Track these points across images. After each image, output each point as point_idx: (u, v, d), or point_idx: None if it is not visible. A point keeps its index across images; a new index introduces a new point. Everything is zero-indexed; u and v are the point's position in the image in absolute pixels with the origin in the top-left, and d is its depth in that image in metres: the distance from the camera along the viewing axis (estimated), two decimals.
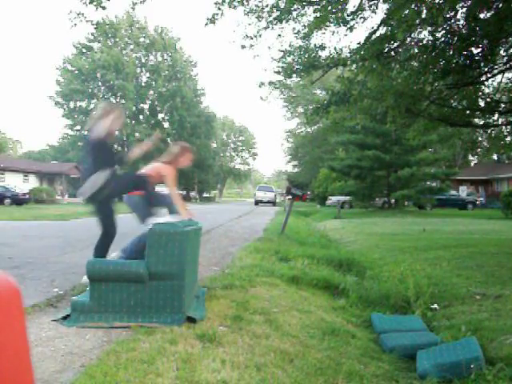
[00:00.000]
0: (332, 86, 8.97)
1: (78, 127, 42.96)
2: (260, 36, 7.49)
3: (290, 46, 7.73)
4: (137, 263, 3.29)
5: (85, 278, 3.68)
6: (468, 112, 9.12)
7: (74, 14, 6.73)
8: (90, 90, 42.28)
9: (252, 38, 7.53)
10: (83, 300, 3.31)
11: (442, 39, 7.33)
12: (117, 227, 4.17)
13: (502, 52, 7.95)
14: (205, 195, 56.60)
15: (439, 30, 7.18)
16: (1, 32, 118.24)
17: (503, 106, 8.91)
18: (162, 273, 3.22)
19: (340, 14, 6.90)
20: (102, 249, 4.00)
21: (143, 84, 44.90)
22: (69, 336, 2.92)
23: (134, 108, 42.41)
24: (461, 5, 6.98)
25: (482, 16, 7.11)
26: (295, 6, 7.05)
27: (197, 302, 3.75)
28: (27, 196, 29.22)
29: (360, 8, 7.05)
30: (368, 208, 24.78)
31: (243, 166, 71.42)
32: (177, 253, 3.23)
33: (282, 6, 7.04)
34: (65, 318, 3.25)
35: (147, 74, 45.25)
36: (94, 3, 6.45)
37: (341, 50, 7.67)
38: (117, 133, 4.12)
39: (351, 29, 7.19)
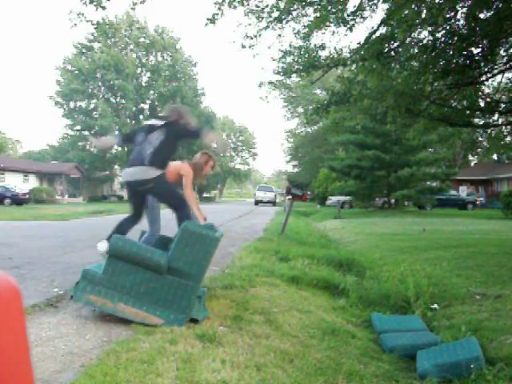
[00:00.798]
0: (332, 86, 8.97)
1: (78, 127, 42.98)
2: (260, 36, 7.49)
3: (290, 46, 7.73)
4: (160, 253, 3.27)
5: (101, 246, 3.69)
6: (468, 112, 9.11)
7: (74, 14, 6.73)
8: (90, 90, 42.29)
9: (252, 38, 7.53)
10: (95, 271, 3.30)
11: (442, 39, 7.33)
12: (141, 219, 4.17)
13: (502, 52, 7.95)
14: (205, 195, 56.58)
15: (439, 30, 7.18)
16: (1, 32, 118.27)
17: (503, 105, 8.91)
18: (181, 270, 3.22)
19: (340, 14, 6.90)
20: (122, 228, 3.98)
21: (143, 84, 44.89)
22: (69, 336, 2.92)
23: (133, 108, 42.41)
24: (461, 5, 6.97)
25: (481, 16, 7.11)
26: (295, 6, 7.04)
27: (199, 302, 3.76)
28: (27, 196, 29.21)
29: (360, 8, 7.05)
30: (368, 208, 24.77)
31: (243, 165, 71.35)
32: (201, 255, 3.23)
33: (282, 6, 7.04)
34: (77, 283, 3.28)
35: (147, 74, 45.24)
36: (94, 3, 6.44)
37: (341, 50, 7.67)
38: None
39: (351, 29, 7.18)
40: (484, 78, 8.28)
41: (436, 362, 2.95)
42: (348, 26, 7.13)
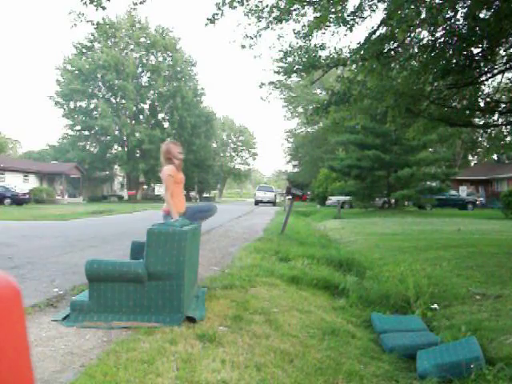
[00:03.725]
0: (332, 86, 8.97)
1: (78, 127, 42.99)
2: (260, 36, 7.49)
3: (290, 46, 7.73)
4: (136, 263, 3.29)
5: None
6: (468, 112, 9.11)
7: (75, 14, 6.73)
8: (90, 90, 42.28)
9: (252, 38, 7.53)
10: (82, 300, 3.31)
11: (442, 39, 7.33)
12: None
13: (502, 52, 7.95)
14: (205, 195, 56.55)
15: (439, 29, 7.18)
16: (1, 32, 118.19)
17: (503, 105, 8.91)
18: (161, 273, 3.22)
19: (340, 14, 6.89)
20: None
21: (143, 84, 44.89)
22: (69, 336, 2.92)
23: (134, 108, 42.40)
24: (461, 5, 6.97)
25: (481, 16, 7.11)
26: (295, 6, 7.04)
27: (196, 301, 3.76)
28: (27, 196, 29.20)
29: (360, 8, 7.04)
30: (368, 208, 24.76)
31: (243, 165, 71.38)
32: (175, 253, 3.23)
33: (282, 6, 7.04)
34: (65, 318, 3.26)
35: (147, 74, 45.24)
36: (94, 3, 6.44)
37: (341, 50, 7.67)
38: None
39: (351, 29, 7.18)
40: (484, 78, 8.27)
41: (436, 362, 2.95)
42: (348, 26, 7.12)
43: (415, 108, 8.31)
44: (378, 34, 7.04)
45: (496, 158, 40.45)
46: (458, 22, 7.23)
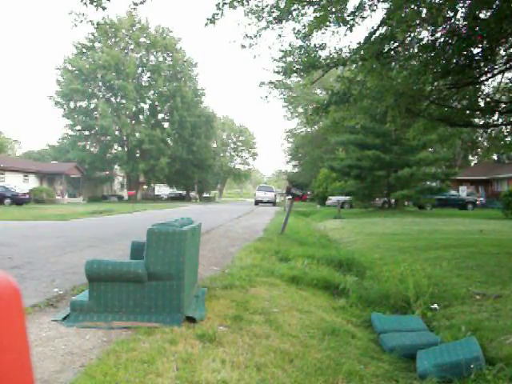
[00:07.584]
0: (332, 86, 8.97)
1: (78, 127, 42.99)
2: (260, 36, 7.49)
3: (290, 45, 7.73)
4: (136, 263, 3.29)
5: None
6: (468, 112, 9.11)
7: (75, 14, 6.74)
8: (90, 90, 42.28)
9: (252, 38, 7.53)
10: (82, 300, 3.31)
11: (442, 39, 7.33)
12: None
13: (502, 52, 7.95)
14: (205, 195, 56.53)
15: (439, 29, 7.18)
16: (1, 32, 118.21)
17: (503, 105, 8.91)
18: (161, 273, 3.22)
19: (340, 14, 6.89)
20: None
21: (143, 84, 44.88)
22: (69, 336, 2.92)
23: (134, 108, 42.40)
24: (461, 5, 6.97)
25: (482, 16, 7.10)
26: (295, 6, 7.04)
27: (196, 301, 3.76)
28: (27, 196, 29.19)
29: (360, 8, 7.04)
30: (368, 208, 24.77)
31: (243, 165, 71.40)
32: (175, 253, 3.23)
33: (282, 5, 7.04)
34: (65, 318, 3.26)
35: (147, 74, 45.24)
36: (94, 3, 6.44)
37: (341, 50, 7.66)
38: None
39: (351, 29, 7.18)
40: (484, 78, 8.27)
41: (436, 362, 2.95)
42: (348, 26, 7.12)
43: (415, 108, 8.31)
44: (377, 33, 7.03)
45: (496, 158, 40.43)
46: (457, 22, 7.23)
